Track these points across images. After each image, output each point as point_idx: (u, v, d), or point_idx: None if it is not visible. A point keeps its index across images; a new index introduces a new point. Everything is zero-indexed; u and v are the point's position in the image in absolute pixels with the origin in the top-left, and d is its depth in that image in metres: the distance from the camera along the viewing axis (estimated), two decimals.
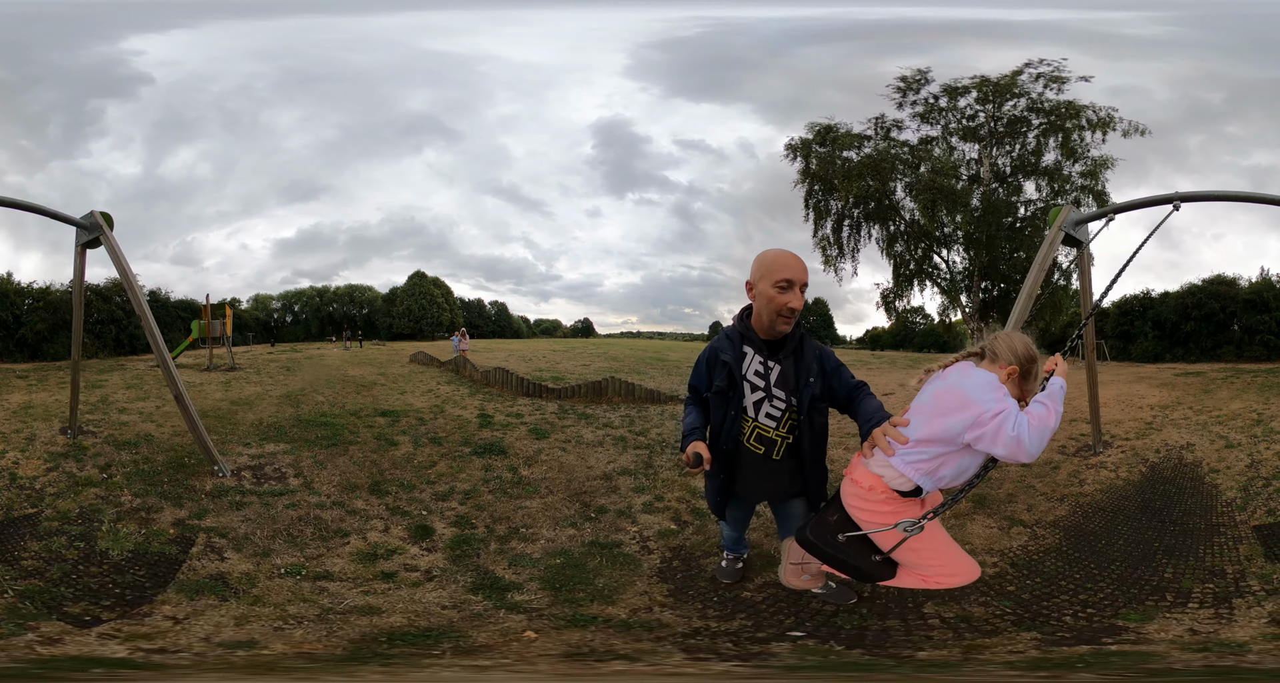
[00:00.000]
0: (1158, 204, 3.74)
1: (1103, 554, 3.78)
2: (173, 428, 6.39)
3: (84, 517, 4.04)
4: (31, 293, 15.81)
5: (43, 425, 6.17)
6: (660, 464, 5.70)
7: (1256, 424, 6.91)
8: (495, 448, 6.10)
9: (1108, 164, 13.83)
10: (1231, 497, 4.64)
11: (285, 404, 8.33)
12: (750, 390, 2.64)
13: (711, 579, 3.39)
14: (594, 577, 3.45)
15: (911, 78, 13.91)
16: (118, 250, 4.83)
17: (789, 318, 2.56)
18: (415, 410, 8.07)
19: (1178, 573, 3.45)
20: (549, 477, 5.32)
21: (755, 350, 2.65)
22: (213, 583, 3.26)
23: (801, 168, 14.88)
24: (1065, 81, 12.98)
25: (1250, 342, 16.97)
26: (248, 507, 4.34)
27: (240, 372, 12.62)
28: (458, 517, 4.39)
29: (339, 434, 6.47)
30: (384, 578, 3.41)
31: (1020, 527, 4.21)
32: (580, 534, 4.09)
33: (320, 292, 34.23)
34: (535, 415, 7.85)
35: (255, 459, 5.44)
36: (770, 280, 2.54)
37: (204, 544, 3.74)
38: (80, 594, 3.09)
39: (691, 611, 3.09)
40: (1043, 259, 4.40)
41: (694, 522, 4.26)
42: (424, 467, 5.54)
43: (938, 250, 15.14)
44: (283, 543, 3.83)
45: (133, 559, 3.52)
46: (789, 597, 3.16)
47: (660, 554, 3.79)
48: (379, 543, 3.90)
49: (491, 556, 3.77)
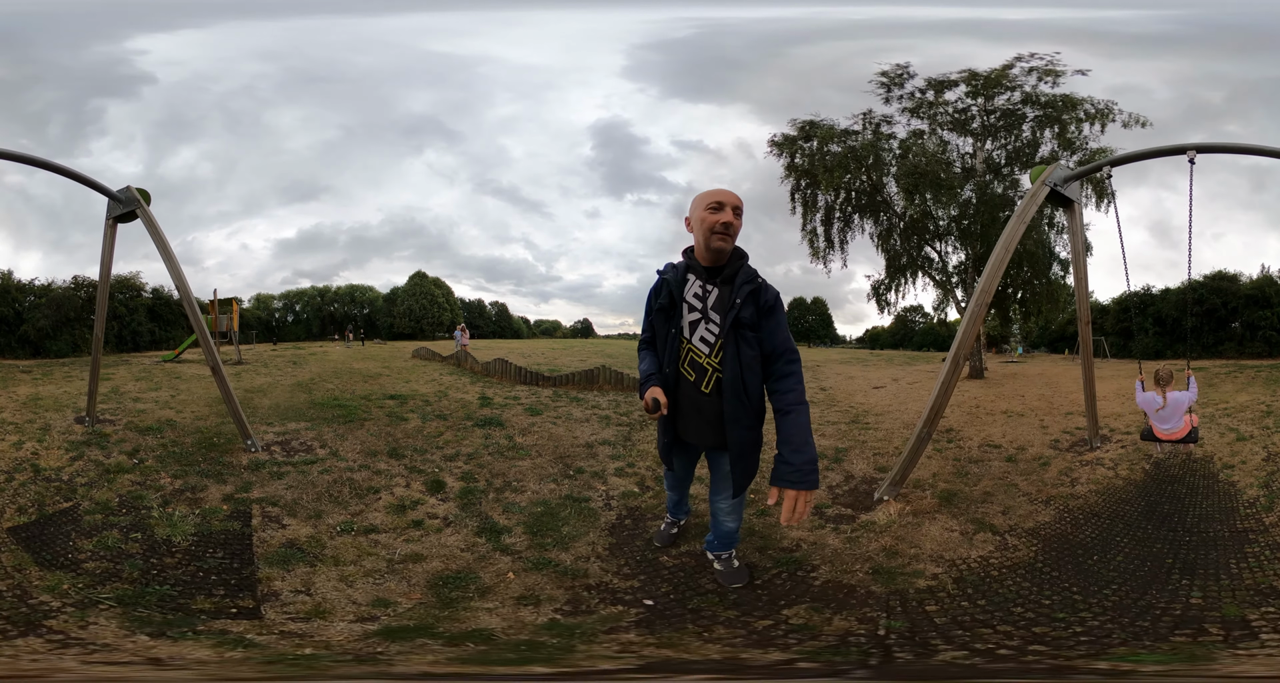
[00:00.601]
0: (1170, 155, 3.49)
1: (1092, 574, 3.07)
2: (193, 413, 6.52)
3: (126, 505, 3.88)
4: (33, 290, 15.90)
5: (55, 416, 6.11)
6: (638, 438, 5.95)
7: (1267, 416, 6.58)
8: (494, 422, 6.51)
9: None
10: (1254, 496, 4.07)
11: (298, 391, 8.50)
12: (688, 311, 2.73)
13: (648, 541, 3.59)
14: (561, 525, 3.86)
15: (893, 72, 14.03)
16: (155, 224, 4.84)
17: (723, 234, 2.64)
18: (421, 395, 8.29)
19: (1209, 596, 2.74)
20: (539, 444, 5.73)
21: (696, 276, 2.74)
22: (291, 551, 3.35)
23: (786, 163, 15.01)
24: (1060, 75, 13.09)
25: (1251, 338, 17.10)
26: (287, 476, 4.54)
27: (247, 365, 12.73)
28: (464, 473, 4.85)
29: (353, 413, 6.70)
30: (415, 526, 3.85)
31: (988, 533, 3.62)
32: (559, 489, 4.52)
33: (321, 291, 34.23)
34: (531, 398, 8.14)
35: (281, 436, 5.64)
36: (703, 204, 2.67)
37: (261, 515, 3.83)
38: (188, 589, 2.93)
39: (611, 566, 3.30)
40: (1021, 212, 4.08)
41: (655, 487, 4.54)
42: (433, 436, 5.92)
43: (931, 243, 15.25)
44: (329, 504, 4.09)
45: (201, 541, 3.44)
46: (695, 567, 3.22)
47: (618, 512, 4.08)
48: (404, 496, 4.33)
49: (490, 504, 4.25)
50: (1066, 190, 4.13)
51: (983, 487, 4.51)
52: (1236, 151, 3.44)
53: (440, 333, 32.60)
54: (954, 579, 3.05)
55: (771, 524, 3.74)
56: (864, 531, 3.67)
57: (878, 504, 4.08)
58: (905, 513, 3.89)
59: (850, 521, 3.85)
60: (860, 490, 4.44)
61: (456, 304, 35.95)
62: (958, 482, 4.66)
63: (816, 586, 3.03)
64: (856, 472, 4.94)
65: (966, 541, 3.53)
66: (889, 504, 4.02)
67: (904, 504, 4.02)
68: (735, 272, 2.70)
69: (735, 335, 2.65)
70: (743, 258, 2.74)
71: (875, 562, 3.26)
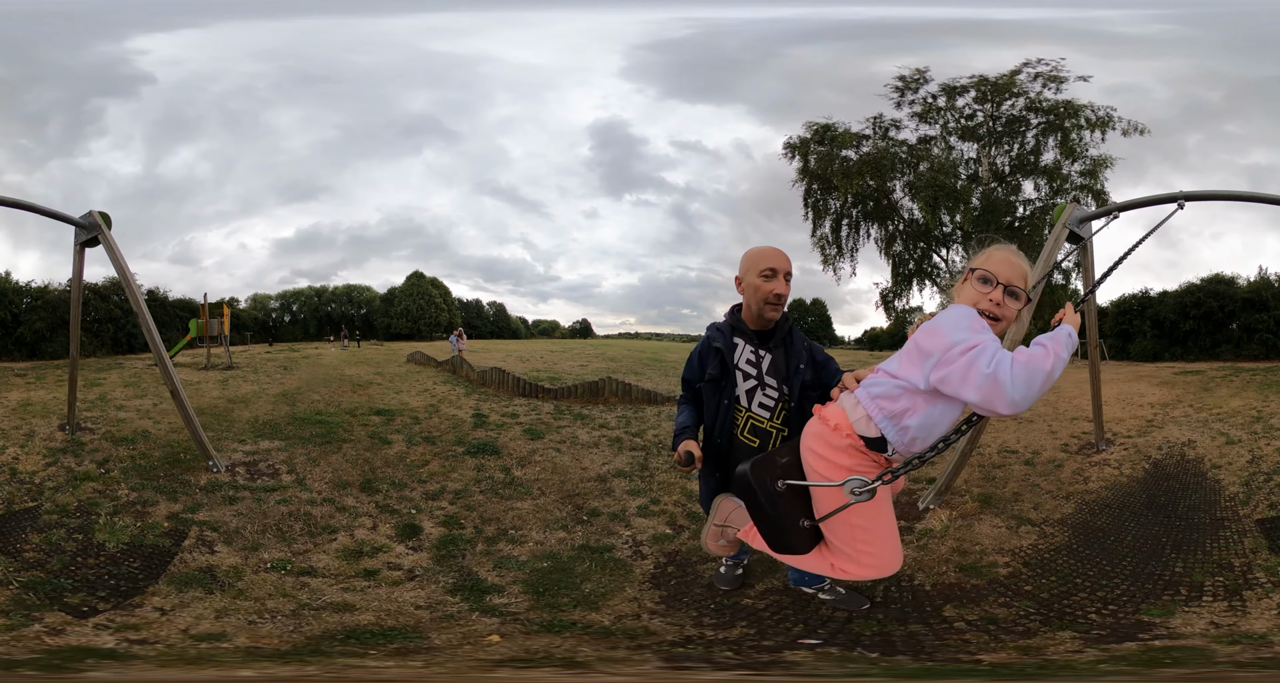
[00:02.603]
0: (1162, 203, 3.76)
1: (1113, 551, 3.73)
2: (169, 425, 6.38)
3: (82, 510, 4.08)
4: (30, 292, 15.73)
5: (41, 422, 6.21)
6: (657, 466, 5.58)
7: (1256, 421, 6.93)
8: (489, 448, 6.03)
9: (1107, 163, 13.82)
10: (1234, 492, 4.65)
11: (281, 402, 8.30)
12: (743, 379, 2.68)
13: (708, 586, 3.21)
14: (581, 582, 3.29)
15: (910, 77, 13.91)
16: (116, 250, 4.84)
17: (775, 304, 2.66)
18: (410, 409, 8.02)
19: (1188, 567, 3.43)
20: (542, 478, 5.22)
21: (746, 341, 2.72)
22: (201, 576, 3.29)
23: (800, 166, 14.91)
24: (1064, 81, 12.98)
25: (1249, 340, 16.96)
26: (240, 502, 4.36)
27: (237, 370, 12.55)
28: (446, 516, 4.33)
29: (333, 432, 6.45)
30: (365, 576, 3.38)
31: (1029, 526, 4.13)
32: (570, 538, 3.95)
33: (319, 292, 34.14)
34: (530, 416, 7.78)
35: (250, 455, 5.44)
36: (756, 270, 2.65)
37: (196, 537, 3.78)
38: (79, 585, 3.14)
39: (685, 618, 2.89)
40: (1047, 256, 4.37)
41: (690, 526, 4.10)
42: (416, 465, 5.47)
43: (937, 250, 15.12)
44: (271, 538, 3.85)
45: (128, 551, 3.57)
46: (794, 605, 2.97)
47: (654, 560, 3.64)
48: (365, 540, 3.87)
49: (477, 557, 3.70)
50: (1080, 230, 4.34)
51: (1011, 488, 4.94)
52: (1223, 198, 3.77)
53: (438, 334, 32.48)
54: (1024, 564, 3.53)
55: None
56: (928, 538, 3.92)
57: (925, 513, 4.35)
58: (954, 518, 4.18)
59: (908, 531, 4.05)
60: (902, 502, 4.51)
61: (454, 304, 35.86)
62: (988, 486, 5.04)
63: (929, 590, 3.22)
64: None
65: (1014, 534, 3.98)
66: (936, 512, 4.31)
67: (950, 510, 4.31)
68: (786, 335, 2.74)
69: (800, 397, 2.65)
70: (787, 318, 2.77)
71: (955, 561, 3.53)
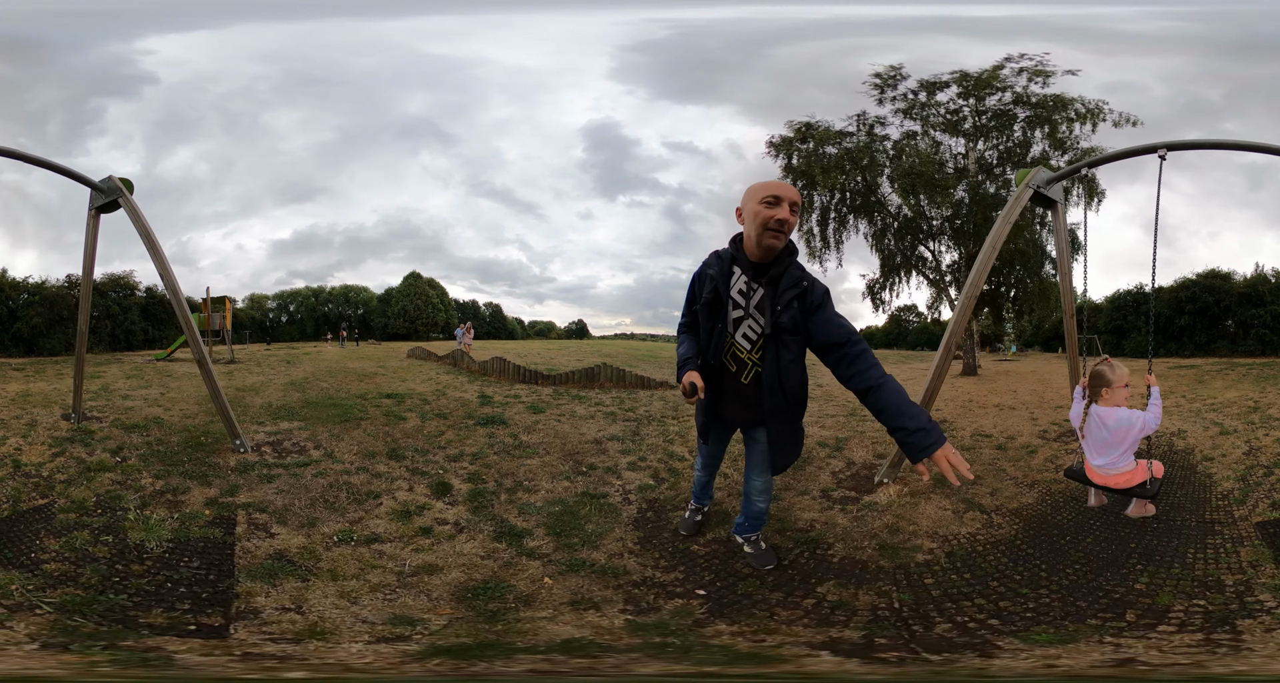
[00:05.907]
0: (1141, 154, 3.56)
1: (1062, 553, 3.24)
2: (182, 412, 6.41)
3: (103, 505, 3.66)
4: (27, 288, 15.81)
5: (43, 412, 5.99)
6: (646, 433, 5.90)
7: (1253, 411, 6.61)
8: (497, 420, 6.34)
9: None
10: (1228, 488, 4.18)
11: (291, 390, 8.42)
12: (733, 308, 2.69)
13: (674, 531, 3.63)
14: (584, 523, 3.77)
15: (886, 74, 14.11)
16: (139, 214, 4.68)
17: (776, 232, 2.53)
18: (418, 394, 8.19)
19: (1154, 583, 2.82)
20: (546, 441, 5.56)
21: (743, 270, 2.67)
22: (277, 564, 3.04)
23: (784, 164, 15.11)
24: (1050, 75, 13.20)
25: (1245, 336, 17.14)
26: (277, 479, 4.23)
27: (240, 364, 12.67)
28: (470, 474, 4.62)
29: (349, 412, 6.58)
30: (423, 533, 3.57)
31: (977, 512, 3.86)
32: (573, 486, 4.40)
33: (315, 292, 34.14)
34: (532, 397, 8.03)
35: (272, 436, 5.41)
36: (758, 198, 2.54)
37: (246, 522, 3.54)
38: (146, 600, 2.64)
39: (648, 560, 3.31)
40: (1006, 213, 4.22)
41: (669, 479, 4.55)
42: (433, 436, 5.70)
43: (924, 242, 15.36)
44: (324, 510, 3.77)
45: (176, 549, 3.16)
46: (725, 554, 3.29)
47: (638, 506, 4.07)
48: (408, 501, 4.03)
49: (503, 506, 4.05)
50: (1049, 191, 4.24)
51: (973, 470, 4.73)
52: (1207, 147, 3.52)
53: (435, 334, 32.53)
54: (946, 554, 3.31)
55: (785, 507, 3.93)
56: (868, 510, 3.91)
57: (878, 487, 4.32)
58: (904, 494, 4.12)
59: (854, 502, 4.08)
60: (861, 475, 4.67)
61: (451, 305, 35.93)
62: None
63: (835, 562, 3.25)
64: (856, 458, 5.14)
65: (957, 518, 3.78)
66: (888, 486, 4.27)
67: (902, 486, 4.25)
68: (782, 272, 2.62)
69: (776, 338, 2.64)
70: (792, 254, 2.67)
71: (880, 539, 3.51)
